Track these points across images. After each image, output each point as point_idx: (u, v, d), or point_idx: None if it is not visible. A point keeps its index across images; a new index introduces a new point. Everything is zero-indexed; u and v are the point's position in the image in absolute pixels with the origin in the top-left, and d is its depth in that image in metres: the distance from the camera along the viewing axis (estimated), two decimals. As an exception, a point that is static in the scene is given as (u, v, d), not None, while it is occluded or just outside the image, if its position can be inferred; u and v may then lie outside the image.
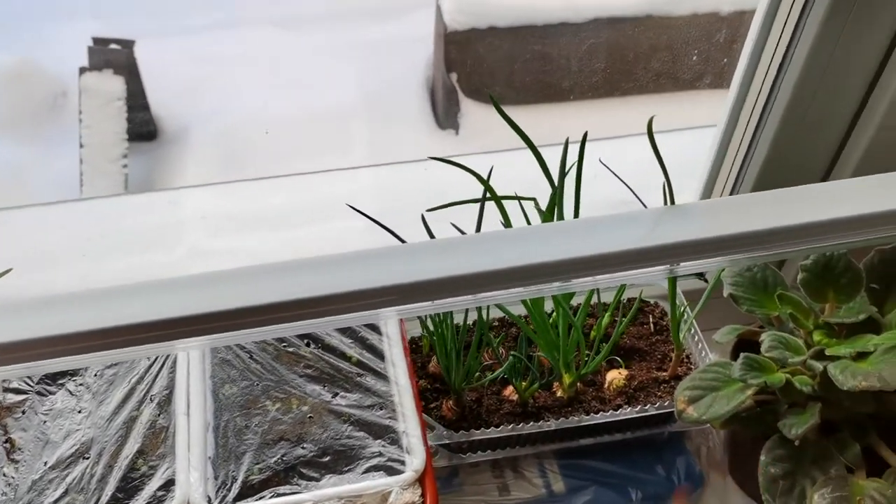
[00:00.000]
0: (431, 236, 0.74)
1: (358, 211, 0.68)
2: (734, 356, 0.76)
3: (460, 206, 0.72)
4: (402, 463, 0.68)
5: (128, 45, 1.59)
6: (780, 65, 0.74)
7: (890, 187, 0.63)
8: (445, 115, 1.55)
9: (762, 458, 0.73)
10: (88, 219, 1.15)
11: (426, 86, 1.60)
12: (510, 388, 0.85)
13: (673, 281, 0.78)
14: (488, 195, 0.71)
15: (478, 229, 0.72)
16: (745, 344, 0.80)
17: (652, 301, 0.94)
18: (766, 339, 0.74)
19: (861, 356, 0.70)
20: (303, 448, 0.69)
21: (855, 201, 0.63)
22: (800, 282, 0.77)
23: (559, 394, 0.85)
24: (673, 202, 0.65)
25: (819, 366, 0.70)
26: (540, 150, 0.68)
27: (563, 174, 0.69)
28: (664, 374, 0.87)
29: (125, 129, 1.59)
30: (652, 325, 0.92)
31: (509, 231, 0.68)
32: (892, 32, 0.70)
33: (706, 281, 0.90)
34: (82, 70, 1.52)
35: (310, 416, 0.71)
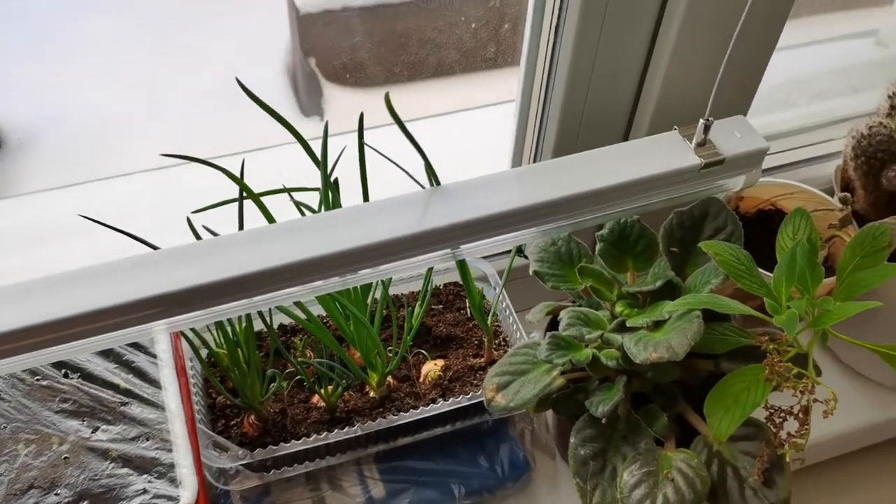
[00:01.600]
0: (198, 238, 0.67)
1: (91, 219, 0.60)
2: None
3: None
4: (172, 498, 0.61)
5: (-48, 50, 1.44)
6: (556, 34, 0.70)
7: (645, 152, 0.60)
8: (309, 102, 1.47)
9: (571, 439, 0.70)
10: None
11: (287, 73, 1.52)
12: (317, 395, 0.78)
13: (462, 263, 0.73)
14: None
15: (240, 229, 0.65)
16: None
17: (470, 284, 0.89)
18: (564, 316, 0.70)
19: (658, 325, 0.67)
20: (56, 495, 0.60)
21: (617, 166, 0.60)
22: (598, 252, 0.74)
23: (371, 394, 0.79)
24: (438, 183, 0.60)
25: (619, 339, 0.67)
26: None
27: (325, 161, 0.62)
28: (481, 360, 0.82)
29: (-43, 143, 1.45)
30: (469, 311, 0.87)
31: (271, 227, 0.61)
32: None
33: (525, 257, 0.86)
34: None
35: (65, 457, 0.62)
